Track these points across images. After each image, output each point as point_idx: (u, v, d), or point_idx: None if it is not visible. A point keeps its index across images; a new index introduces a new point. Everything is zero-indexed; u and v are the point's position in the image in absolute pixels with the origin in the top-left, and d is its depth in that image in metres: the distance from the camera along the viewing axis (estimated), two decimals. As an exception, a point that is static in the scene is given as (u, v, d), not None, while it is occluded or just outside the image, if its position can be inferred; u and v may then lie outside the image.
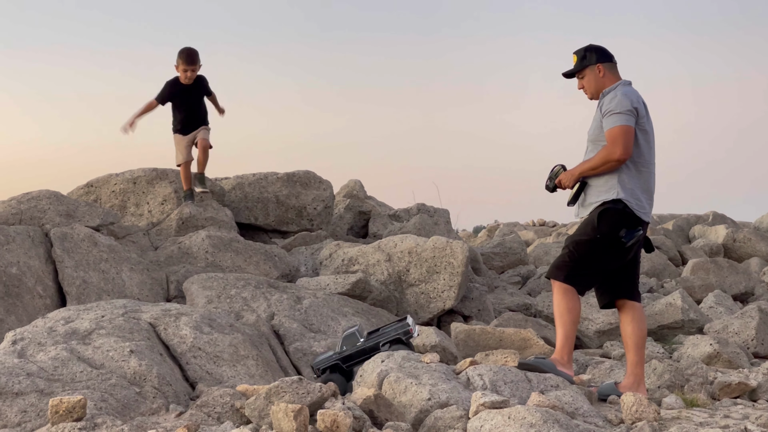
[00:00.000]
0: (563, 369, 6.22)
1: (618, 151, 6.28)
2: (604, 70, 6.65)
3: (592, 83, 6.67)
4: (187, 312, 6.68)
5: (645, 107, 6.49)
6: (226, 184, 11.38)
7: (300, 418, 4.64)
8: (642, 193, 6.39)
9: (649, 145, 6.46)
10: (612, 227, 6.30)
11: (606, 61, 6.68)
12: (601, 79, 6.64)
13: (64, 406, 4.84)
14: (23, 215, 9.08)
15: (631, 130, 6.32)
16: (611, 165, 6.33)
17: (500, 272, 12.08)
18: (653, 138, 6.54)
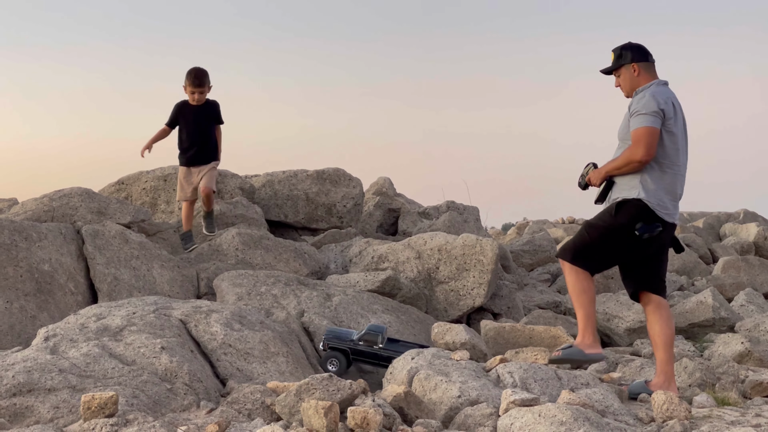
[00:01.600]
0: (591, 351, 6.35)
1: (640, 152, 6.32)
2: (639, 69, 6.66)
3: (627, 82, 6.69)
4: (217, 309, 6.71)
5: (675, 108, 6.48)
6: (256, 181, 11.41)
7: (330, 415, 4.65)
8: (666, 195, 6.41)
9: (676, 147, 6.45)
10: (629, 219, 6.34)
11: (642, 60, 6.69)
12: (636, 78, 6.66)
13: (96, 402, 4.87)
14: (55, 212, 9.15)
15: (655, 131, 6.34)
16: (634, 166, 6.37)
17: (530, 270, 12.06)
18: (683, 140, 6.54)
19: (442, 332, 6.99)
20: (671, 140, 6.42)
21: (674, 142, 6.43)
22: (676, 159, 6.45)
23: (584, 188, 6.74)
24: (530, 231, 19.45)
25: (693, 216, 20.91)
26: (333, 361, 6.82)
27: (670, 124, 6.41)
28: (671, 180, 6.43)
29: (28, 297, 7.53)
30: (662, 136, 6.39)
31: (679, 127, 6.50)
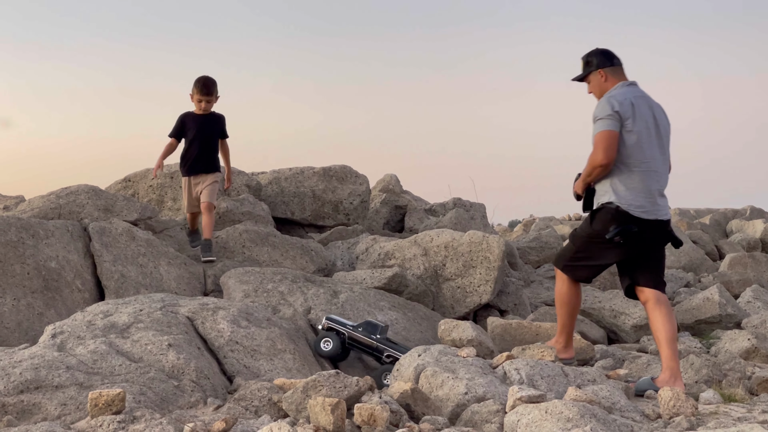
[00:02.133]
0: (563, 355, 6.84)
1: (599, 156, 6.48)
2: (607, 75, 6.86)
3: (596, 88, 6.90)
4: (224, 306, 6.72)
5: (635, 107, 6.60)
6: (263, 178, 11.41)
7: (337, 412, 4.65)
8: (639, 193, 6.51)
9: (640, 145, 6.55)
10: (603, 225, 6.52)
11: (608, 65, 6.88)
12: (604, 84, 6.86)
13: (103, 399, 4.88)
14: (62, 210, 9.16)
15: (610, 134, 6.49)
16: (598, 170, 6.54)
17: (536, 267, 12.05)
18: (651, 135, 6.63)
19: (448, 329, 7.00)
20: (633, 139, 6.53)
21: (637, 141, 6.53)
22: (642, 156, 6.55)
23: (578, 199, 6.86)
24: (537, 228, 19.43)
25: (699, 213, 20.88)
26: (326, 341, 6.85)
27: (629, 124, 6.53)
28: (642, 178, 6.53)
29: (36, 294, 7.54)
30: (623, 137, 6.52)
31: (643, 124, 6.58)
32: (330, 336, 6.88)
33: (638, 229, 6.47)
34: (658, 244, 6.71)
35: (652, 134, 6.63)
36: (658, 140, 6.66)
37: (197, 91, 9.10)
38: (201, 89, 9.09)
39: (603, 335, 8.80)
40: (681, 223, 17.33)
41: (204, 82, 9.12)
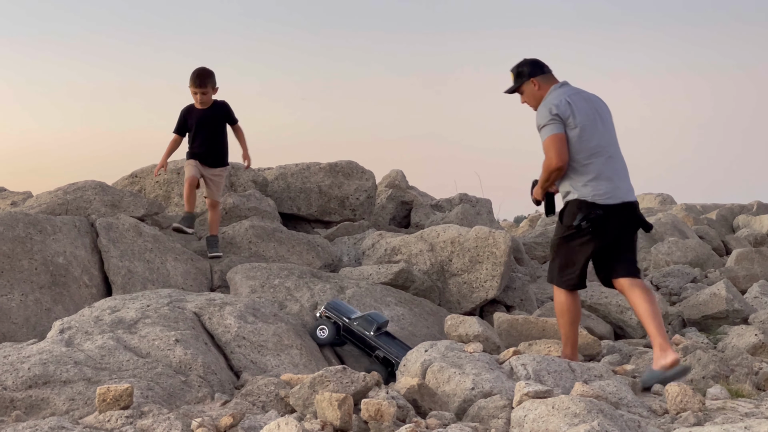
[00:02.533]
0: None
1: (553, 160, 6.63)
2: (539, 83, 6.98)
3: (531, 98, 7.02)
4: (231, 302, 6.73)
5: (572, 104, 6.74)
6: (269, 174, 11.43)
7: (344, 407, 4.66)
8: (598, 182, 6.65)
9: (587, 137, 6.68)
10: (571, 217, 6.65)
11: (539, 73, 7.00)
12: (538, 92, 6.97)
13: (111, 394, 4.90)
14: (69, 205, 9.18)
15: (557, 137, 6.64)
16: (555, 173, 6.69)
17: (543, 262, 12.04)
18: (595, 126, 6.76)
19: (455, 325, 7.00)
20: (579, 135, 6.66)
21: (582, 134, 6.67)
22: (591, 148, 6.70)
23: (537, 204, 7.07)
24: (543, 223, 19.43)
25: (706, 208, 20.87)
26: (323, 328, 6.87)
27: (571, 122, 6.67)
28: (597, 167, 6.66)
29: (43, 290, 7.56)
30: (568, 135, 6.67)
31: (584, 117, 6.72)
32: (326, 324, 6.90)
33: (603, 212, 6.59)
34: (629, 230, 6.84)
35: (596, 124, 6.76)
36: (603, 128, 6.81)
37: (192, 84, 8.92)
38: (195, 81, 8.91)
39: (609, 331, 8.79)
40: (687, 218, 17.32)
41: (198, 74, 8.94)
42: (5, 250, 7.60)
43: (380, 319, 6.96)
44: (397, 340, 6.99)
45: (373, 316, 6.95)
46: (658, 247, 12.74)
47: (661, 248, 12.66)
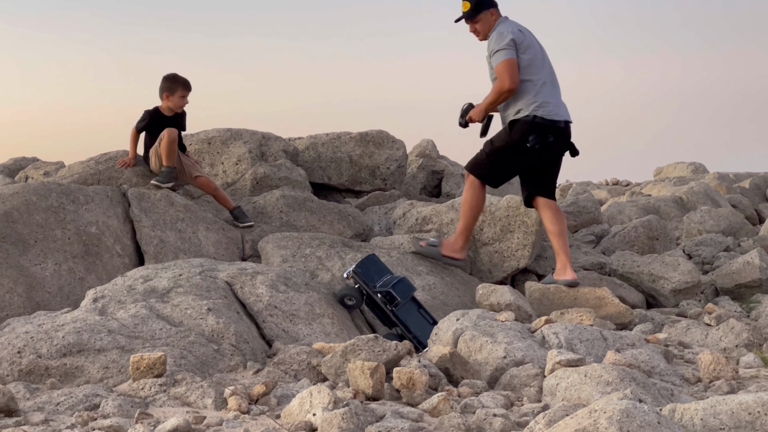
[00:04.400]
0: (451, 254, 8.00)
1: (507, 82, 7.41)
2: (495, 13, 7.70)
3: (486, 27, 7.68)
4: (263, 271, 6.74)
5: (524, 33, 7.60)
6: (300, 144, 11.42)
7: (376, 376, 4.68)
8: (546, 97, 7.58)
9: (536, 63, 7.58)
10: (521, 136, 7.50)
11: (495, 4, 7.73)
12: (492, 21, 7.67)
13: (144, 362, 4.93)
14: (101, 175, 9.22)
15: (512, 61, 7.43)
16: (505, 95, 7.49)
17: (574, 231, 12.00)
18: (542, 56, 7.70)
19: (486, 293, 6.99)
20: (529, 60, 7.52)
21: (532, 60, 7.55)
22: (539, 73, 7.58)
23: (465, 126, 7.87)
24: (574, 192, 19.38)
25: (739, 177, 20.71)
26: (350, 298, 6.85)
27: (524, 48, 7.51)
28: (542, 88, 7.55)
29: (76, 259, 7.61)
30: (521, 60, 7.49)
31: (534, 47, 7.61)
32: (353, 294, 6.85)
33: (553, 138, 7.46)
34: (562, 153, 7.78)
35: (543, 54, 7.70)
36: (545, 60, 7.70)
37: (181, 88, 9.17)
38: (185, 85, 9.20)
39: (642, 300, 8.76)
40: (720, 187, 17.21)
41: (185, 80, 9.23)
42: (38, 220, 7.66)
43: (406, 293, 6.86)
44: (422, 310, 6.92)
45: (400, 287, 6.85)
46: (691, 216, 12.66)
47: (694, 217, 12.58)
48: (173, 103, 9.13)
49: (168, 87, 9.12)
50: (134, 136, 9.30)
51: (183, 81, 9.17)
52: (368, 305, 6.89)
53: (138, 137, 9.32)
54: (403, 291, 6.84)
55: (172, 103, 9.14)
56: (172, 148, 8.89)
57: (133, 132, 9.28)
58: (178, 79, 9.17)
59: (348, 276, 6.93)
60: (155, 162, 9.04)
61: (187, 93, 9.19)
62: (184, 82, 9.18)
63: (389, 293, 6.76)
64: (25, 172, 11.11)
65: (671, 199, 14.25)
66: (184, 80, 9.18)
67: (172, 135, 8.87)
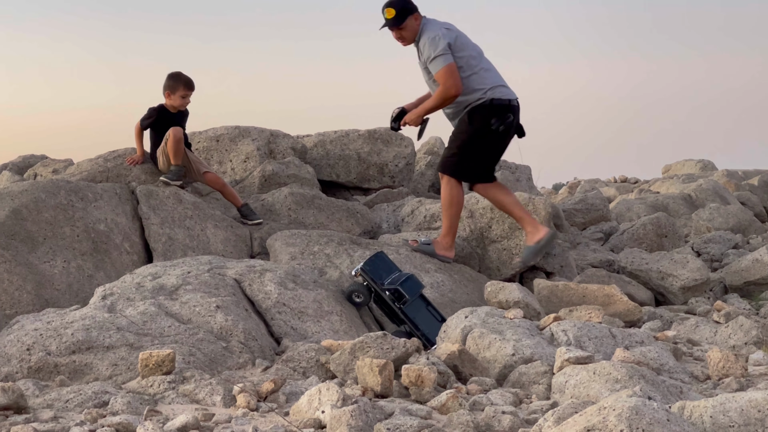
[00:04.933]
0: (443, 253, 8.01)
1: (452, 89, 7.51)
2: (419, 17, 7.70)
3: (411, 33, 7.69)
4: (271, 268, 6.75)
5: (451, 29, 7.68)
6: (308, 141, 11.42)
7: (385, 373, 4.68)
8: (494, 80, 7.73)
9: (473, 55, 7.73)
10: (483, 121, 7.62)
11: (417, 8, 7.73)
12: (417, 26, 7.67)
13: (153, 359, 4.94)
14: (110, 173, 9.24)
15: (452, 66, 7.49)
16: (451, 100, 7.59)
17: (582, 228, 12.00)
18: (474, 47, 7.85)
19: (495, 291, 6.98)
20: (467, 56, 7.66)
21: (469, 53, 7.69)
22: (480, 60, 7.77)
23: (397, 130, 8.03)
24: (582, 190, 19.34)
25: (748, 174, 20.64)
26: (358, 294, 6.85)
27: (458, 47, 7.59)
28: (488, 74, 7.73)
29: (85, 256, 7.62)
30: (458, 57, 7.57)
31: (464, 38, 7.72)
32: (361, 290, 6.85)
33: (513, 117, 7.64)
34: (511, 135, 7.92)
35: (472, 45, 7.81)
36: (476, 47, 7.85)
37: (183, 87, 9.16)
38: (187, 84, 9.18)
39: (650, 297, 8.75)
40: (729, 184, 17.17)
41: (187, 78, 9.21)
42: (47, 218, 7.67)
43: (414, 290, 6.87)
44: (430, 307, 6.92)
45: (409, 285, 6.86)
46: (699, 214, 12.63)
47: (702, 214, 12.56)
48: (174, 101, 9.13)
49: (170, 85, 9.12)
50: (139, 132, 9.30)
51: (185, 80, 9.15)
52: (377, 303, 6.89)
53: (143, 134, 9.31)
54: (412, 288, 6.84)
55: (173, 102, 9.13)
56: (178, 146, 8.88)
57: (137, 128, 9.28)
58: (181, 77, 9.15)
59: (356, 273, 6.94)
60: (163, 162, 9.04)
61: (188, 92, 9.16)
62: (186, 81, 9.15)
63: (397, 290, 6.75)
64: (33, 170, 11.13)
65: (680, 196, 14.22)
66: (186, 79, 9.16)
67: (178, 134, 8.87)
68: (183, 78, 9.15)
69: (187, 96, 9.15)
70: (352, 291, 6.86)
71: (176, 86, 9.10)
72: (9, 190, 7.87)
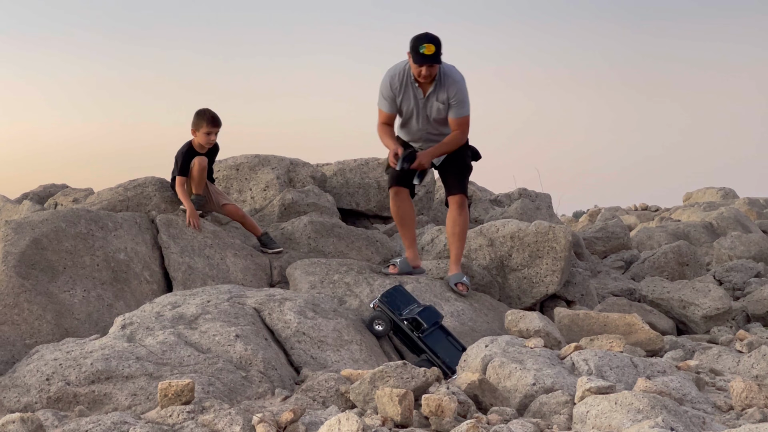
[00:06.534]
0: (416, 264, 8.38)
1: (466, 137, 8.21)
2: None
3: (437, 70, 7.87)
4: (291, 297, 6.74)
5: None
6: (328, 170, 11.45)
7: (405, 403, 4.65)
8: None
9: None
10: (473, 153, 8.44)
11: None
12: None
13: (173, 389, 4.92)
14: (130, 202, 9.26)
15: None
16: (460, 145, 8.18)
17: (603, 257, 11.96)
18: None
19: (515, 320, 6.95)
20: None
21: None
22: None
23: (405, 171, 8.03)
24: (603, 218, 19.29)
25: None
26: (379, 323, 6.83)
27: None
28: None
29: (105, 286, 7.63)
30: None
31: None
32: (382, 318, 6.85)
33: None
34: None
35: None
36: None
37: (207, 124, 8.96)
38: (211, 121, 8.98)
39: (672, 326, 8.70)
40: (750, 212, 17.10)
41: (213, 114, 9.02)
42: (68, 247, 7.69)
43: (432, 319, 6.86)
44: (450, 337, 6.90)
45: (425, 315, 6.85)
46: (721, 242, 12.57)
47: (724, 243, 12.50)
48: (199, 139, 8.96)
49: (194, 122, 8.96)
50: (182, 185, 8.98)
51: (209, 117, 8.94)
52: (396, 334, 6.88)
53: (185, 184, 9.00)
54: (429, 317, 6.84)
55: (199, 140, 8.97)
56: (202, 176, 8.87)
57: (179, 182, 8.98)
58: (205, 114, 8.95)
59: (374, 306, 6.93)
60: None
61: (213, 129, 8.94)
62: (210, 117, 8.94)
63: (415, 319, 6.75)
64: (54, 199, 11.19)
65: (701, 224, 14.17)
66: (210, 116, 8.95)
67: (203, 163, 8.86)
68: (207, 115, 8.94)
69: (211, 133, 8.94)
70: (372, 319, 6.85)
71: (200, 124, 8.93)
72: (29, 219, 7.89)
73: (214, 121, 8.96)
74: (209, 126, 8.92)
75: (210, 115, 8.97)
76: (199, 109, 9.02)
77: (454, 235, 8.17)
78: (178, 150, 9.06)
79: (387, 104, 8.09)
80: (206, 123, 8.91)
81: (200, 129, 8.92)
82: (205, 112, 8.98)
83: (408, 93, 8.01)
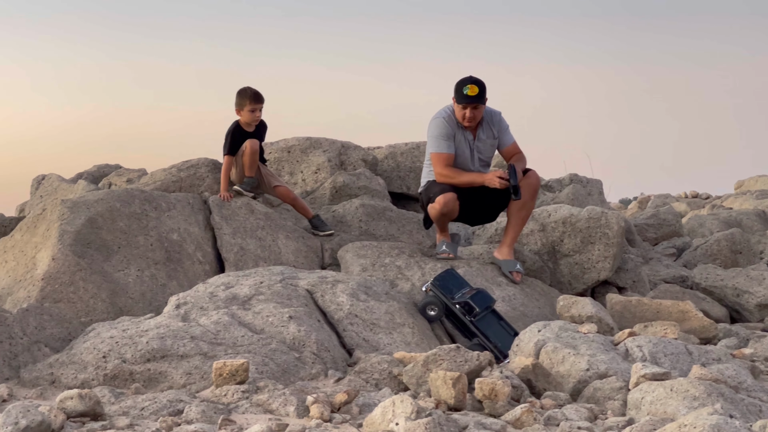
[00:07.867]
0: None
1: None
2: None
3: (481, 112, 8.01)
4: (343, 279, 6.75)
5: None
6: (379, 153, 11.44)
7: (459, 386, 4.66)
8: None
9: None
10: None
11: None
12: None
13: (227, 369, 4.96)
14: (183, 183, 9.32)
15: None
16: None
17: (654, 244, 11.86)
18: None
19: (567, 305, 6.92)
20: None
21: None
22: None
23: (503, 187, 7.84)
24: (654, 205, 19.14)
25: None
26: (432, 308, 6.83)
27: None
28: None
29: (158, 265, 7.69)
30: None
31: None
32: (436, 302, 6.85)
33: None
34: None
35: None
36: None
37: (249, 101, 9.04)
38: (253, 97, 9.05)
39: (725, 314, 8.62)
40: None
41: (254, 91, 9.10)
42: (122, 227, 7.76)
43: (484, 303, 6.85)
44: (503, 322, 6.88)
45: (478, 299, 6.84)
46: (775, 230, 12.43)
47: (778, 231, 12.35)
48: (245, 117, 9.04)
49: (237, 102, 9.04)
50: (228, 163, 9.07)
51: (251, 94, 9.02)
52: (448, 318, 6.87)
53: (231, 164, 9.09)
54: (482, 301, 6.82)
55: (244, 118, 9.05)
56: (254, 158, 8.90)
57: (226, 161, 9.07)
58: (246, 92, 9.04)
59: (426, 289, 6.93)
60: (237, 172, 9.07)
61: (257, 106, 9.02)
62: (252, 94, 9.02)
63: (467, 303, 6.74)
64: (108, 179, 11.27)
65: (754, 212, 14.00)
66: (252, 93, 9.03)
67: (255, 146, 8.90)
68: (248, 93, 9.03)
69: (255, 109, 9.03)
70: (426, 304, 6.85)
71: (243, 102, 9.01)
72: (85, 199, 7.97)
73: (257, 97, 9.05)
74: (252, 103, 9.01)
75: (252, 92, 9.05)
76: (240, 88, 9.10)
77: (519, 218, 8.08)
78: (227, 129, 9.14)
79: (447, 144, 7.97)
80: (249, 100, 9.00)
81: (244, 107, 9.01)
82: (246, 90, 9.07)
83: (459, 136, 8.02)
